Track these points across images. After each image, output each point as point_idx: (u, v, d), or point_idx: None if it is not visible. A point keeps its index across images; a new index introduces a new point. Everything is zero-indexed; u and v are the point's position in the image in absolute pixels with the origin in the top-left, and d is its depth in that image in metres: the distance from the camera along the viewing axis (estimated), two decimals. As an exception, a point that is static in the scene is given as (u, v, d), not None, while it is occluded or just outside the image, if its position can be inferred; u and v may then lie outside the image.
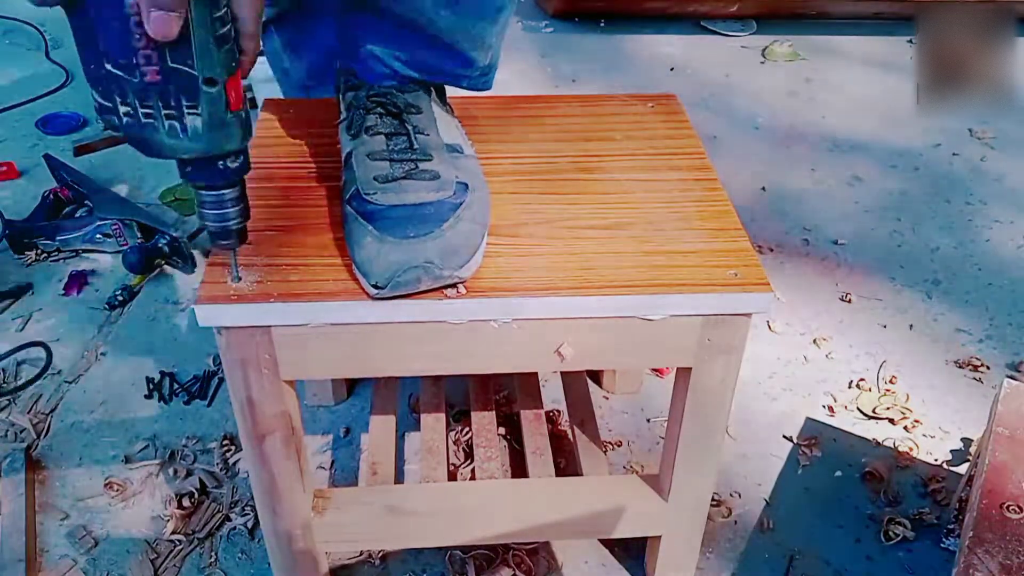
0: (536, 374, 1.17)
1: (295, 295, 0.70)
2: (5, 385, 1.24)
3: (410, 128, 0.75)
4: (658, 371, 1.28)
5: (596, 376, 1.26)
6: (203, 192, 0.63)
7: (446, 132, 0.79)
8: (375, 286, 0.67)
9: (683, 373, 0.81)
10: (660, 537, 0.94)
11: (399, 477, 1.11)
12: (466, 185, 0.73)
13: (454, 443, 1.15)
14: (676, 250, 0.76)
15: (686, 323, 0.74)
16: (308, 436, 1.16)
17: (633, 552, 1.02)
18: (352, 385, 1.24)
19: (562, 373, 1.19)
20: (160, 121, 0.56)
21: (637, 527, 0.93)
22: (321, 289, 0.70)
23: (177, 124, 0.56)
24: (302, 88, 1.10)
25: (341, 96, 0.81)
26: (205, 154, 0.59)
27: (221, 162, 0.60)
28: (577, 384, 1.15)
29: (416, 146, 0.73)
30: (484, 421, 1.10)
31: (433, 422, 1.08)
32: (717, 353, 0.77)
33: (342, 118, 0.80)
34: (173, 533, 1.04)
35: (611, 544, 1.04)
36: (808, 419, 1.21)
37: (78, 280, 1.44)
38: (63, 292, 1.42)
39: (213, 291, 0.70)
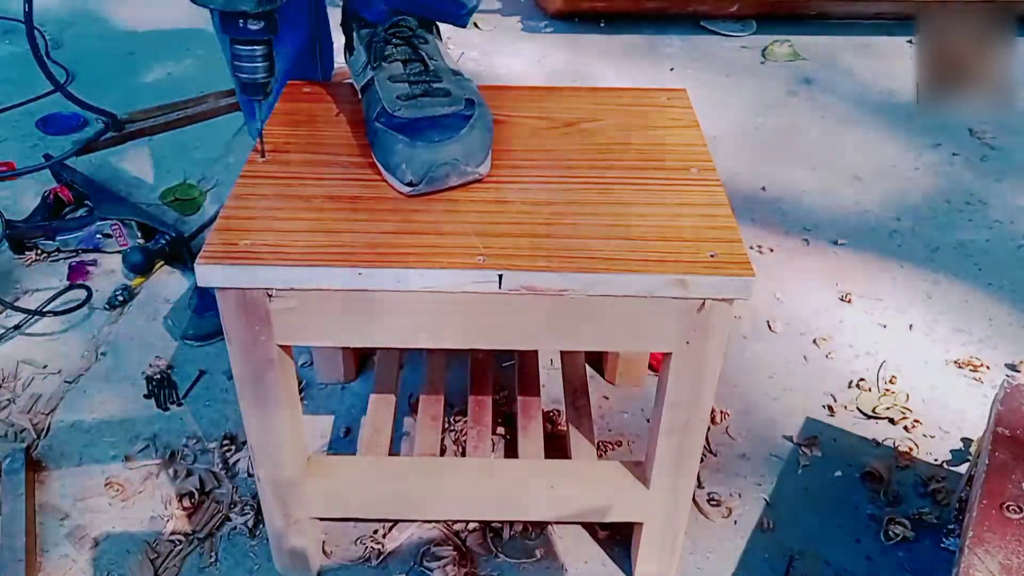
0: (536, 365, 1.17)
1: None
2: (5, 385, 1.24)
3: (423, 55, 0.88)
4: (658, 371, 1.28)
5: (600, 367, 1.26)
6: (237, 46, 0.78)
7: (447, 60, 0.91)
8: (410, 184, 0.80)
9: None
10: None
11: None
12: (472, 101, 0.85)
13: (454, 443, 1.15)
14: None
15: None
16: (308, 438, 1.16)
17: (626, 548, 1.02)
18: (360, 367, 1.26)
19: (562, 368, 1.19)
20: None
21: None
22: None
23: None
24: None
25: (356, 34, 0.93)
26: (224, 8, 0.75)
27: (242, 21, 0.76)
28: (575, 377, 1.15)
29: (430, 69, 0.87)
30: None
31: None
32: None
33: (356, 54, 0.93)
34: (173, 533, 1.04)
35: (608, 545, 1.04)
36: (808, 419, 1.21)
37: (80, 270, 1.45)
38: (68, 282, 1.43)
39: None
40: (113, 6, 2.52)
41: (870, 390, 1.26)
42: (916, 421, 1.21)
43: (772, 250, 1.55)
